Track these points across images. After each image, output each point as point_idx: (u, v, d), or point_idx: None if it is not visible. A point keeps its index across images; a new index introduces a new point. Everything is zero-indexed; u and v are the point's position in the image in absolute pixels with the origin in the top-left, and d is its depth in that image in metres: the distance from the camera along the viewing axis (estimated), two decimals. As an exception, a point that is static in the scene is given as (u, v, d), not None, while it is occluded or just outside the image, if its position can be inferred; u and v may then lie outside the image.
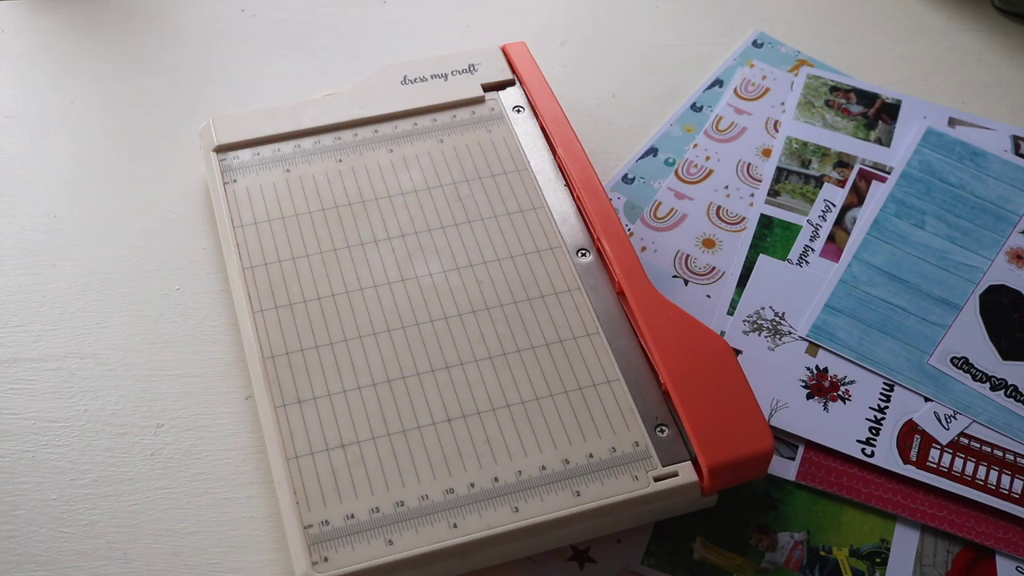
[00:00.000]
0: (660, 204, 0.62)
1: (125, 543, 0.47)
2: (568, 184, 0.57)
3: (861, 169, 0.64)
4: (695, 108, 0.67)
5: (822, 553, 0.50)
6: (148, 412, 0.51)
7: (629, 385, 0.50)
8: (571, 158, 0.57)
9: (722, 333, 0.56)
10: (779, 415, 0.53)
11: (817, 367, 0.56)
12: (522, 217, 0.56)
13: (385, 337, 0.50)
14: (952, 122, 0.67)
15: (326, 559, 0.44)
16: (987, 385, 0.55)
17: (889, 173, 0.64)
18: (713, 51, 0.69)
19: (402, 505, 0.46)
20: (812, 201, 0.62)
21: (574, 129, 0.59)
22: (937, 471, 0.52)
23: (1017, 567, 0.50)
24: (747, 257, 0.60)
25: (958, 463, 0.53)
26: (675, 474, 0.47)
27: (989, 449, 0.53)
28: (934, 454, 0.53)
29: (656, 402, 0.49)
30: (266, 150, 0.58)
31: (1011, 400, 0.55)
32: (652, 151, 0.64)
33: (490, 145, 0.59)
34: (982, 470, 0.53)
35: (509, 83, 0.62)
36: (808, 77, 0.68)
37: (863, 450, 0.53)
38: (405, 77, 0.61)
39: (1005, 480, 0.52)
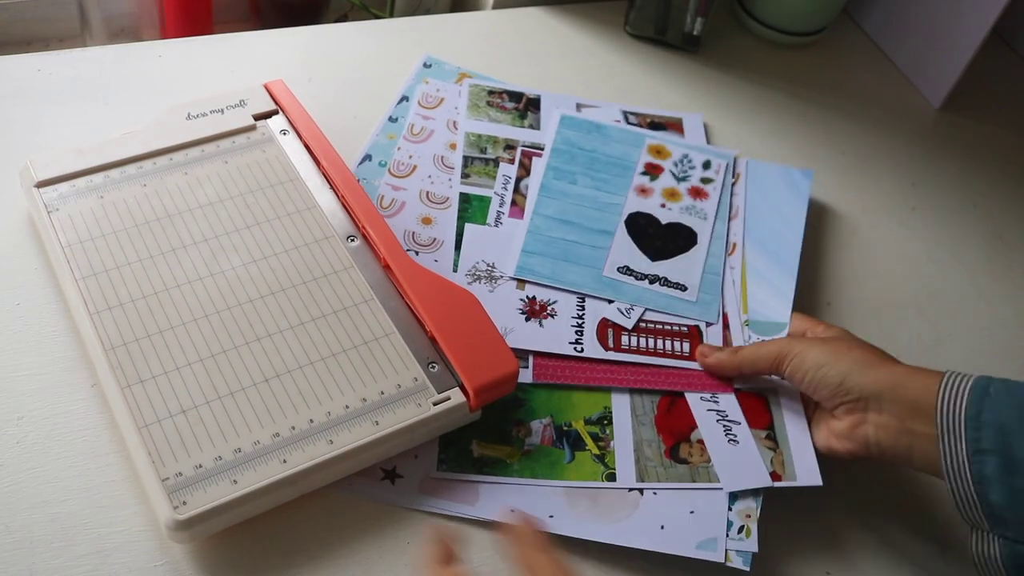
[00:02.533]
0: (383, 196, 0.71)
1: (6, 518, 0.52)
2: (332, 186, 0.65)
3: (523, 149, 0.76)
4: (392, 120, 0.76)
5: (565, 428, 0.61)
6: (8, 408, 0.56)
7: (403, 335, 0.58)
8: (332, 166, 0.65)
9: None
10: (509, 337, 0.64)
11: (528, 297, 0.67)
12: (300, 216, 0.63)
13: (204, 321, 0.57)
14: (579, 107, 0.80)
15: (184, 503, 0.50)
16: (646, 281, 0.69)
17: (543, 150, 0.76)
18: (396, 76, 0.80)
19: (239, 452, 0.52)
20: (494, 178, 0.74)
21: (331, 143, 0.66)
22: (630, 350, 0.65)
23: (700, 397, 0.63)
24: (457, 227, 0.70)
25: (643, 341, 0.66)
26: (448, 398, 0.56)
27: (661, 325, 0.67)
28: (625, 339, 0.65)
29: (425, 346, 0.58)
30: (81, 182, 0.62)
31: (665, 287, 0.69)
32: (368, 157, 0.73)
33: (265, 162, 0.66)
34: (660, 342, 0.66)
35: (274, 112, 0.69)
36: (470, 86, 0.80)
37: (575, 348, 0.64)
38: (189, 114, 0.67)
39: (676, 345, 0.66)
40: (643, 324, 0.67)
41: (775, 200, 0.77)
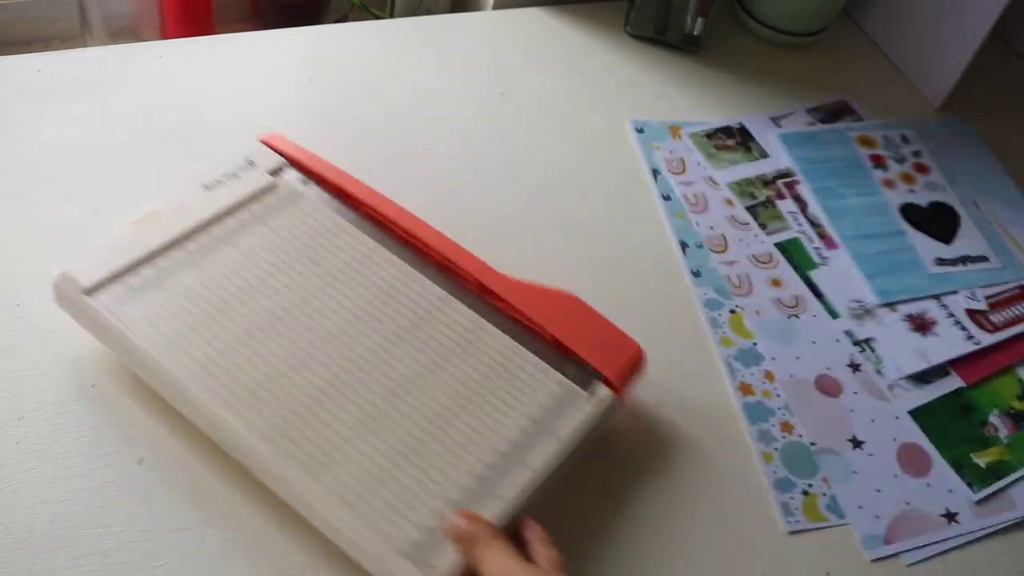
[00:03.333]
0: (729, 276, 0.69)
1: (6, 518, 0.51)
2: (383, 225, 0.61)
3: (781, 182, 0.76)
4: (666, 199, 0.73)
5: (1011, 412, 0.66)
6: (8, 408, 0.55)
7: (528, 349, 0.57)
8: (378, 202, 0.61)
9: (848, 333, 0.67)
10: (929, 355, 0.66)
11: (903, 316, 0.69)
12: (370, 260, 0.60)
13: (343, 386, 0.54)
14: (774, 120, 0.81)
15: (431, 565, 0.48)
16: (960, 264, 0.71)
17: (790, 175, 0.76)
18: (397, 77, 0.79)
19: (454, 501, 0.50)
20: (781, 218, 0.73)
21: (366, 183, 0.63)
22: (1003, 327, 0.69)
23: None
24: (800, 277, 0.69)
25: (1004, 315, 0.70)
26: (596, 393, 0.56)
27: (1005, 297, 0.70)
28: (992, 318, 0.69)
29: (552, 352, 0.57)
30: (132, 279, 0.56)
31: (977, 263, 0.72)
32: (683, 244, 0.71)
33: (308, 217, 0.61)
34: (1010, 311, 0.70)
35: (284, 165, 0.64)
36: (691, 137, 0.78)
37: (973, 343, 0.68)
38: (204, 184, 0.61)
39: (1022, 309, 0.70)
40: (992, 301, 0.71)
41: (960, 152, 0.80)
